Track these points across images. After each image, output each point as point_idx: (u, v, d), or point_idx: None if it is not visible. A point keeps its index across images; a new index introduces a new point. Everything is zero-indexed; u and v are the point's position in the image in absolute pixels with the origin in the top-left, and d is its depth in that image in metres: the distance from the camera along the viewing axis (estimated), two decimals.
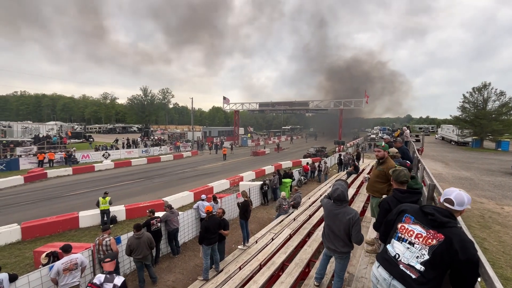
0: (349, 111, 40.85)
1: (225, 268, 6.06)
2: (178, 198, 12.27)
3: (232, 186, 16.06)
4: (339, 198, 3.19)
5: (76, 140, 39.06)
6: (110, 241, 5.79)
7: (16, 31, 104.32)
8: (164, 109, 77.28)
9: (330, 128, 56.81)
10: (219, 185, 15.36)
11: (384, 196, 3.53)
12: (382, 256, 2.13)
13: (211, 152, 34.79)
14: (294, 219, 8.42)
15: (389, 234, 2.21)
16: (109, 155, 26.16)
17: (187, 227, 8.71)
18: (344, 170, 18.25)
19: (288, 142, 52.66)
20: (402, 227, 2.05)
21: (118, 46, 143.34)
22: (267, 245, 6.64)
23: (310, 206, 10.00)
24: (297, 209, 9.94)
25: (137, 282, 6.16)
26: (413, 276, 1.84)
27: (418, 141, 17.45)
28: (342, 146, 35.01)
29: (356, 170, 13.94)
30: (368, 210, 6.59)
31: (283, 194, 10.08)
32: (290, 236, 6.79)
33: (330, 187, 3.64)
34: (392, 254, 2.03)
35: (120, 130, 62.32)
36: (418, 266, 1.84)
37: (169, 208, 7.76)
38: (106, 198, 9.72)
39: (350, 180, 12.05)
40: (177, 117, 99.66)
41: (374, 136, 48.92)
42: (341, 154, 21.70)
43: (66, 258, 4.73)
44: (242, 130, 57.59)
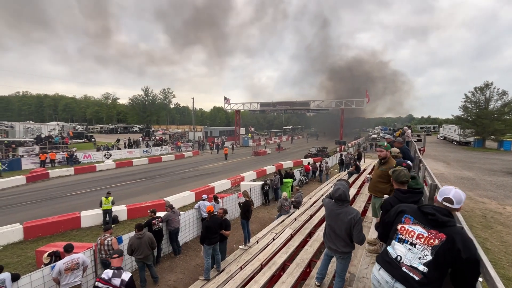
0: (350, 111, 40.78)
1: (226, 268, 6.07)
2: (179, 198, 12.29)
3: (233, 186, 16.06)
4: (341, 198, 3.19)
5: (77, 140, 39.21)
6: (111, 240, 5.81)
7: (18, 32, 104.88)
8: (165, 109, 77.32)
9: (331, 128, 56.76)
10: (220, 185, 15.37)
11: (385, 196, 3.51)
12: (383, 258, 2.08)
13: (212, 152, 34.82)
14: (295, 219, 8.41)
15: (387, 235, 2.19)
16: (110, 155, 26.24)
17: (188, 227, 8.72)
18: (345, 170, 18.22)
19: (289, 142, 52.64)
20: (402, 228, 2.02)
21: (119, 47, 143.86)
22: (268, 245, 6.64)
23: (311, 206, 9.99)
24: (298, 209, 9.93)
25: (138, 282, 6.16)
26: (416, 278, 1.82)
27: (420, 141, 17.38)
28: (343, 146, 34.95)
29: (357, 170, 13.93)
30: (369, 210, 6.58)
31: (285, 194, 10.07)
32: (291, 236, 6.79)
33: (331, 187, 3.64)
34: (393, 256, 2.00)
35: (121, 130, 62.48)
36: (421, 268, 1.82)
37: (170, 208, 7.77)
38: (109, 198, 9.75)
39: (351, 180, 12.04)
40: (178, 117, 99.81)
41: (375, 136, 48.85)
42: (342, 154, 21.66)
43: (68, 258, 4.75)
44: (243, 130, 57.57)
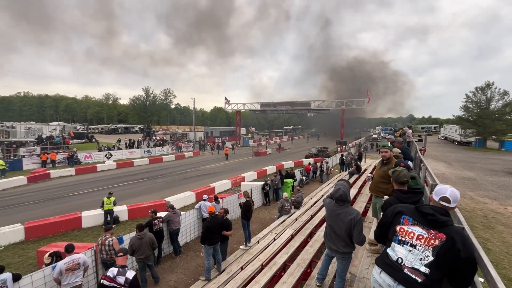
0: (351, 111, 40.74)
1: (227, 268, 6.06)
2: (180, 198, 12.30)
3: (234, 186, 16.06)
4: (341, 198, 3.19)
5: (78, 140, 39.32)
6: (112, 241, 5.81)
7: (20, 32, 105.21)
8: (166, 109, 77.58)
9: (331, 128, 56.76)
10: (221, 185, 15.38)
11: (385, 197, 3.51)
12: (384, 261, 2.04)
13: (213, 152, 34.85)
14: (296, 219, 8.41)
15: (384, 236, 2.17)
16: (111, 156, 26.29)
17: (189, 227, 8.73)
18: (346, 170, 18.22)
19: (289, 142, 52.63)
20: (402, 230, 1.99)
21: (120, 47, 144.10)
22: (269, 245, 6.63)
23: (312, 206, 9.98)
24: (298, 209, 9.93)
25: (139, 282, 6.17)
26: (419, 280, 1.81)
27: (421, 141, 17.36)
28: (344, 146, 34.93)
29: (358, 170, 13.93)
30: (370, 210, 6.57)
31: (285, 195, 10.05)
32: (292, 236, 6.78)
33: (332, 187, 3.63)
34: (394, 258, 1.97)
35: (122, 131, 62.56)
36: (423, 269, 1.81)
37: (171, 208, 7.78)
38: (111, 198, 9.77)
39: (352, 180, 12.03)
40: (179, 117, 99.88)
41: (376, 136, 48.81)
42: (343, 154, 21.65)
43: (68, 258, 4.77)
44: (243, 130, 57.62)
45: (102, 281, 3.56)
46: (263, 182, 13.27)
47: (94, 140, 40.51)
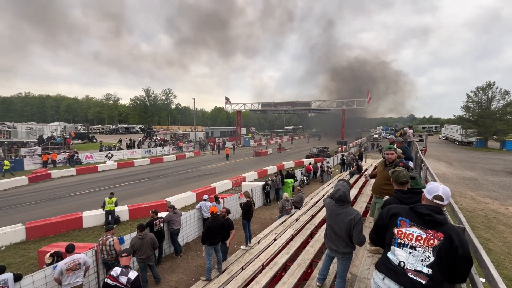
0: (352, 111, 40.69)
1: (227, 268, 6.06)
2: (180, 199, 12.31)
3: (234, 187, 16.07)
4: (341, 198, 3.19)
5: (79, 140, 39.40)
6: (113, 241, 5.82)
7: (21, 32, 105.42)
8: (166, 109, 77.69)
9: (332, 128, 56.67)
10: (222, 185, 15.38)
11: (386, 197, 3.50)
12: (385, 266, 2.00)
13: (214, 152, 34.87)
14: (297, 220, 8.41)
15: (381, 239, 2.14)
16: (112, 156, 26.34)
17: (190, 228, 8.74)
18: (346, 170, 18.20)
19: (289, 143, 52.61)
20: (400, 232, 1.96)
21: (122, 48, 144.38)
22: (270, 245, 6.64)
23: (312, 206, 9.98)
24: (299, 209, 9.92)
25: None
26: (423, 282, 1.79)
27: (422, 141, 17.35)
28: (345, 146, 34.90)
29: (359, 170, 13.91)
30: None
31: (286, 195, 10.04)
32: (293, 236, 6.78)
33: (332, 188, 3.63)
34: (395, 262, 1.94)
35: (123, 131, 62.67)
36: (425, 270, 1.81)
37: (172, 208, 7.79)
38: (113, 198, 9.78)
39: (352, 180, 12.01)
40: (179, 117, 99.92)
41: (376, 136, 48.76)
42: (343, 154, 21.64)
43: (69, 258, 4.78)
44: (244, 131, 57.64)
45: (106, 279, 3.67)
46: (264, 182, 13.27)
47: (95, 140, 40.61)
